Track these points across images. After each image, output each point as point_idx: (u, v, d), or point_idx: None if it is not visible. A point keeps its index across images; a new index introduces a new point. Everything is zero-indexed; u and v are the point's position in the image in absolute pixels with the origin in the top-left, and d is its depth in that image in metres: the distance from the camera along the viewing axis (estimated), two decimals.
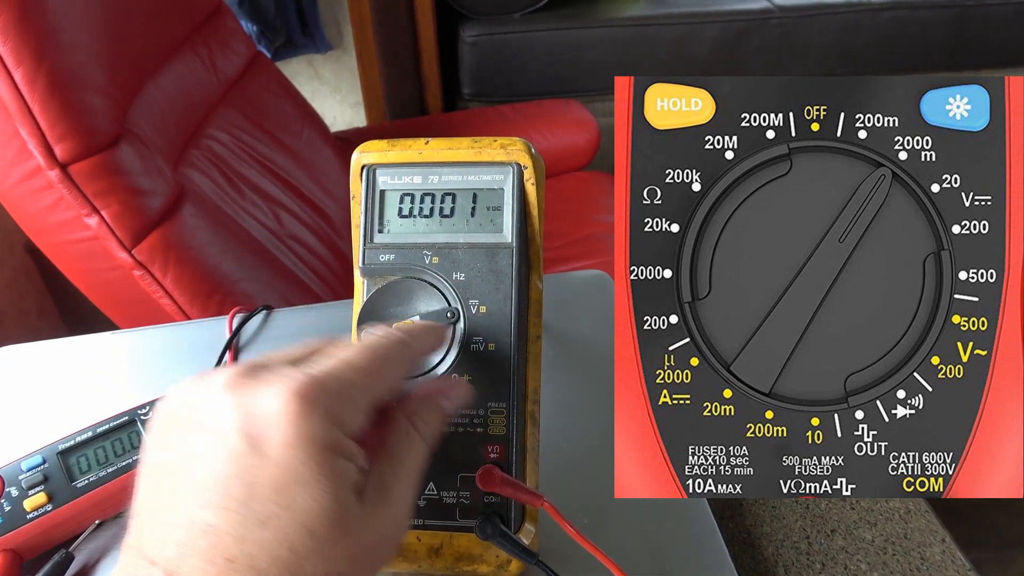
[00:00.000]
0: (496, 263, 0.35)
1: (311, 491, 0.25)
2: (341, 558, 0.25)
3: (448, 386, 0.33)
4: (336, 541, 0.25)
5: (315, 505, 0.25)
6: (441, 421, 0.31)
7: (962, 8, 1.72)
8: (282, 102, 1.27)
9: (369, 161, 0.37)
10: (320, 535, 0.25)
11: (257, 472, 0.25)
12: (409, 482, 0.29)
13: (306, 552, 0.24)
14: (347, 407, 0.27)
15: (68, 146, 0.75)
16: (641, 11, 1.74)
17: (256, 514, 0.24)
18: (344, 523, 0.25)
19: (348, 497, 0.26)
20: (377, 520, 0.27)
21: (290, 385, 0.26)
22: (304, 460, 0.25)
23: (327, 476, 0.25)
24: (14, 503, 0.39)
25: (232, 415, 0.25)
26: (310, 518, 0.25)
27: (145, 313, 0.84)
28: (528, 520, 0.35)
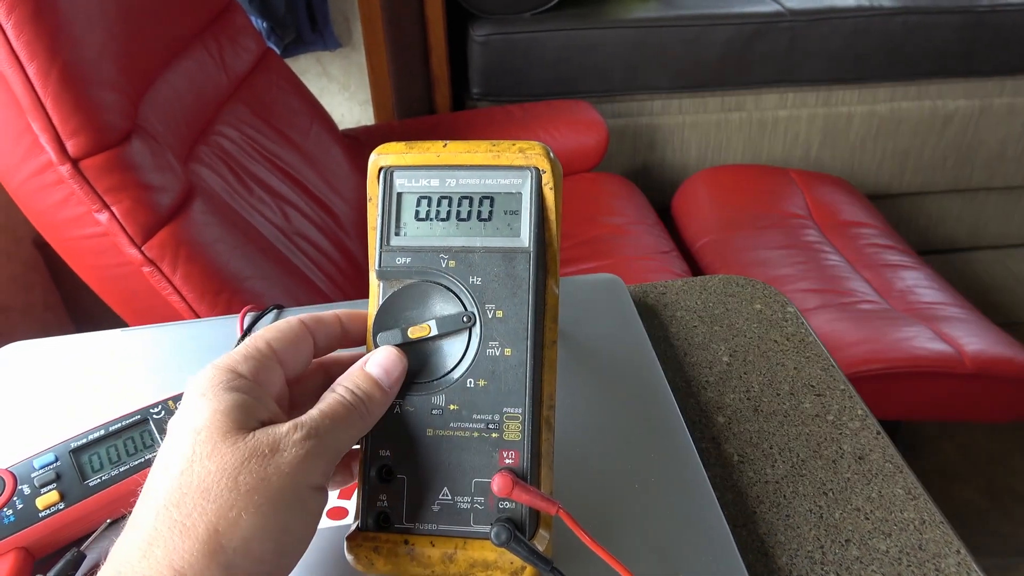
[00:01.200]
0: (513, 268, 0.35)
1: (199, 414, 0.30)
2: (230, 457, 0.29)
3: (370, 354, 0.35)
4: (224, 444, 0.29)
5: (202, 421, 0.29)
6: (371, 383, 0.33)
7: (975, 14, 1.72)
8: (291, 99, 1.27)
9: (386, 163, 0.37)
10: (207, 441, 0.29)
11: (171, 425, 0.31)
12: (312, 419, 0.31)
13: (196, 455, 0.29)
14: (235, 360, 0.32)
15: (80, 141, 0.75)
16: (651, 12, 1.73)
17: (165, 446, 0.30)
18: (230, 432, 0.29)
19: (237, 415, 0.30)
20: (267, 433, 0.30)
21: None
22: (195, 397, 0.31)
23: (214, 401, 0.30)
24: (26, 501, 0.39)
25: None
26: (197, 430, 0.29)
27: (154, 309, 0.84)
28: (542, 526, 0.35)
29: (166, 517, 0.28)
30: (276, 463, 0.29)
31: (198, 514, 0.27)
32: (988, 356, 1.17)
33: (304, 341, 0.35)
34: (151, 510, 0.28)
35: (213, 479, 0.28)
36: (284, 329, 0.34)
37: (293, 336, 0.34)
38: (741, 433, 0.49)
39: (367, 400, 0.33)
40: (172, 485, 0.28)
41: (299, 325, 0.35)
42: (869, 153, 1.86)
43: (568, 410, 0.43)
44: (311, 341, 0.35)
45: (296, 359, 0.35)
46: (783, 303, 0.60)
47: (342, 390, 0.33)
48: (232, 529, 0.28)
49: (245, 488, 0.28)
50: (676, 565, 0.38)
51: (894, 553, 0.41)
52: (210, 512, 0.28)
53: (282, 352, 0.34)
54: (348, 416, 0.32)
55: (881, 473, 0.46)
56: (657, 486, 0.42)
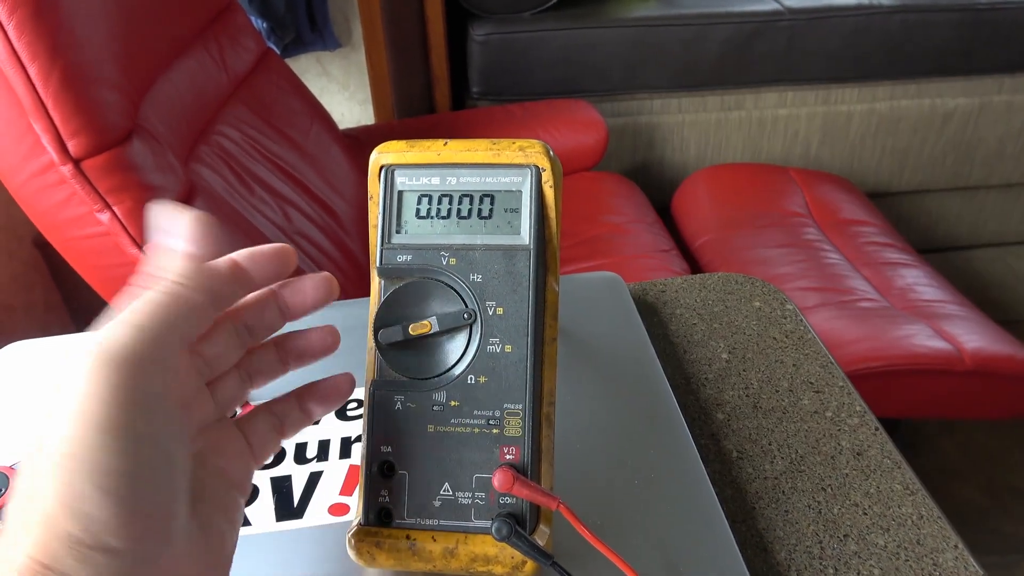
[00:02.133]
0: (513, 265, 0.35)
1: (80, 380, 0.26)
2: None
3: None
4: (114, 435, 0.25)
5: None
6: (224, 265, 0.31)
7: (973, 12, 1.72)
8: (291, 99, 1.28)
9: (387, 161, 0.37)
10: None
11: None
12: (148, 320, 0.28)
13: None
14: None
15: (81, 141, 0.75)
16: (651, 11, 1.74)
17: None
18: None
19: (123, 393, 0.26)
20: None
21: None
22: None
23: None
24: None
25: None
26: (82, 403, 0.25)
27: None
28: (543, 521, 0.35)
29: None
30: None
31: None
32: (988, 354, 1.18)
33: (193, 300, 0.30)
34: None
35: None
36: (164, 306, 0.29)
37: (186, 314, 0.29)
38: (740, 429, 0.49)
39: (178, 282, 0.29)
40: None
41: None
42: (868, 151, 1.86)
43: (568, 407, 0.44)
44: (201, 296, 0.30)
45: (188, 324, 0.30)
46: (782, 301, 0.60)
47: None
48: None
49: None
50: (675, 560, 0.38)
51: (892, 548, 0.41)
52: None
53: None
54: (163, 301, 0.29)
55: (879, 469, 0.46)
56: (656, 482, 0.42)
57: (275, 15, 1.57)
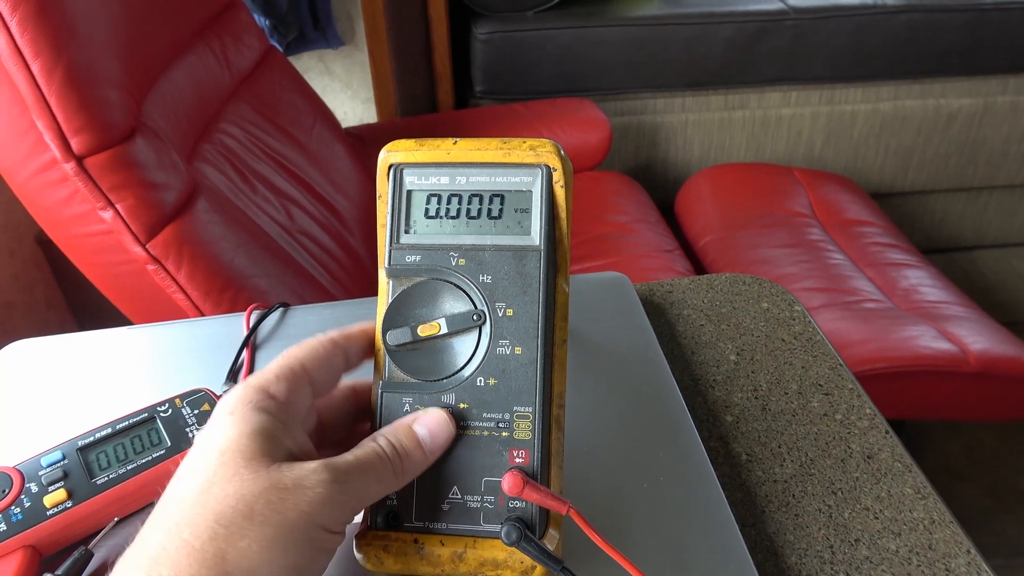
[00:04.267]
0: (523, 266, 0.35)
1: (224, 432, 0.30)
2: (250, 485, 0.28)
3: (421, 413, 0.34)
4: (246, 469, 0.28)
5: (226, 440, 0.29)
6: (414, 442, 0.33)
7: (978, 12, 1.71)
8: (294, 97, 1.27)
9: (396, 160, 0.36)
10: (229, 463, 0.28)
11: (196, 441, 0.31)
12: (345, 465, 0.30)
13: (216, 478, 0.28)
14: (266, 379, 0.32)
15: (84, 139, 0.74)
16: (655, 10, 1.73)
17: (185, 463, 0.30)
18: (255, 457, 0.29)
19: (263, 441, 0.29)
20: (293, 468, 0.29)
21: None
22: (222, 414, 0.30)
23: (241, 421, 0.30)
24: (34, 499, 0.39)
25: None
26: (221, 451, 0.29)
27: (158, 307, 0.84)
28: (552, 525, 0.34)
29: (176, 536, 0.27)
30: (295, 500, 0.28)
31: (208, 537, 0.27)
32: (992, 355, 1.17)
33: (335, 359, 0.34)
34: (161, 525, 0.28)
35: (229, 504, 0.28)
36: (316, 348, 0.34)
37: (326, 355, 0.34)
38: (749, 432, 0.49)
39: (405, 458, 0.32)
40: (187, 504, 0.28)
41: (331, 344, 0.34)
42: (872, 151, 1.85)
43: (576, 408, 0.43)
44: (342, 359, 0.35)
45: (327, 378, 0.34)
46: (790, 302, 0.60)
47: (383, 442, 0.32)
48: (240, 558, 0.27)
49: (260, 519, 0.28)
50: (686, 564, 0.38)
51: (904, 553, 0.41)
52: (221, 537, 0.27)
53: (314, 371, 0.33)
54: (381, 469, 0.32)
55: (890, 472, 0.45)
56: (666, 485, 0.41)
57: (278, 13, 1.56)
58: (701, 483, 0.42)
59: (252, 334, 0.54)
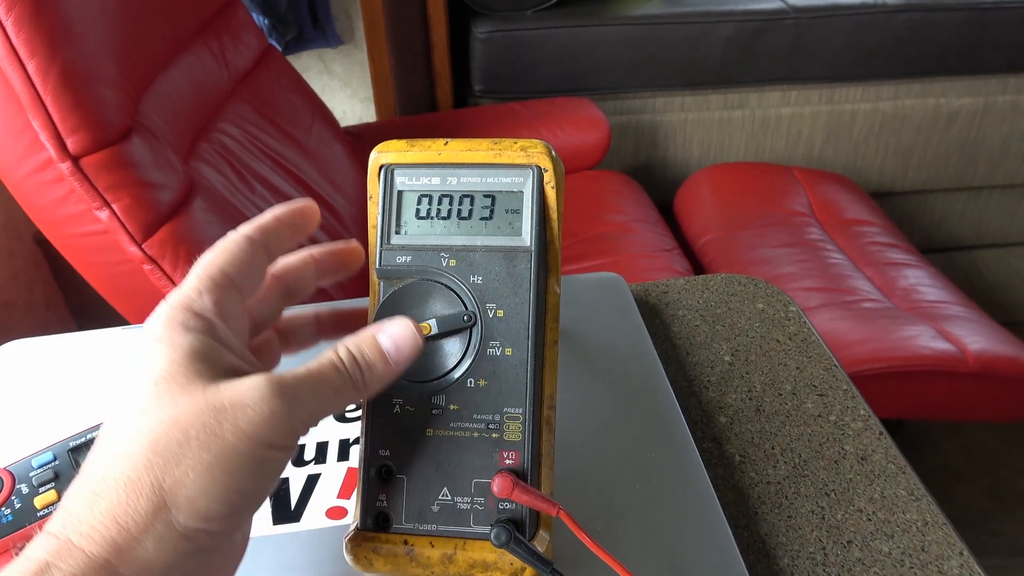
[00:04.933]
0: (514, 267, 0.35)
1: (154, 360, 0.28)
2: (185, 409, 0.27)
3: (386, 322, 0.32)
4: (180, 394, 0.27)
5: (156, 369, 0.28)
6: (378, 354, 0.31)
7: (978, 11, 1.71)
8: (292, 96, 1.27)
9: (387, 161, 0.36)
10: (163, 391, 0.27)
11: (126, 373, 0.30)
12: (292, 378, 0.29)
13: (149, 407, 0.27)
14: (187, 297, 0.30)
15: (80, 139, 0.74)
16: (654, 9, 1.73)
17: (119, 398, 0.28)
18: (189, 382, 0.27)
19: (196, 363, 0.28)
20: (230, 385, 0.28)
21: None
22: (149, 340, 0.29)
23: (169, 346, 0.28)
24: (24, 500, 0.39)
25: None
26: (153, 380, 0.28)
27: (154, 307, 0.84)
28: (542, 527, 0.34)
29: (113, 468, 0.26)
30: (233, 419, 0.27)
31: (144, 467, 0.26)
32: (991, 355, 1.17)
33: (258, 257, 0.32)
34: (100, 459, 0.27)
35: (163, 431, 0.26)
36: (234, 251, 0.31)
37: (245, 256, 0.32)
38: (743, 433, 0.49)
39: (367, 370, 0.31)
40: (124, 435, 0.27)
41: (248, 242, 0.32)
42: (872, 151, 1.85)
43: (568, 410, 0.43)
44: (264, 255, 0.33)
45: (252, 279, 0.32)
46: (785, 302, 0.60)
47: (343, 352, 0.31)
48: (177, 487, 0.26)
49: (195, 444, 0.26)
50: (677, 566, 0.38)
51: (896, 555, 0.41)
52: (156, 466, 0.26)
53: (236, 276, 0.31)
54: (338, 381, 0.30)
55: (883, 474, 0.45)
56: (658, 487, 0.41)
57: (277, 12, 1.56)
58: (693, 484, 0.42)
59: None
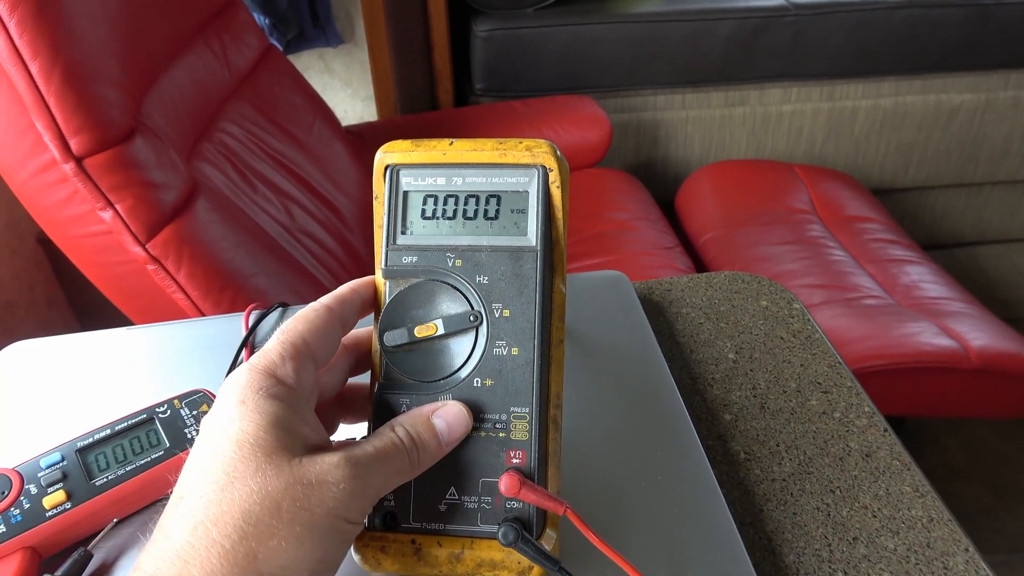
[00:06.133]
0: (520, 267, 0.35)
1: (240, 423, 0.29)
2: (273, 480, 0.28)
3: (442, 405, 0.34)
4: (268, 464, 0.28)
5: (243, 434, 0.29)
6: (432, 434, 0.33)
7: (979, 7, 1.71)
8: (293, 95, 1.27)
9: (393, 161, 0.36)
10: (250, 457, 0.28)
11: (204, 431, 0.30)
12: (366, 457, 0.31)
13: (238, 473, 0.28)
14: (272, 362, 0.31)
15: (83, 139, 0.75)
16: (655, 7, 1.73)
17: (201, 455, 0.29)
18: (275, 451, 0.29)
19: (281, 432, 0.29)
20: (315, 462, 0.29)
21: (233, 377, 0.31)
22: (233, 402, 0.30)
23: (256, 411, 0.29)
24: (33, 500, 0.39)
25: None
26: (240, 444, 0.29)
27: (158, 307, 0.84)
28: (549, 526, 0.35)
29: (204, 534, 0.27)
30: (320, 496, 0.28)
31: (238, 537, 0.27)
32: (993, 352, 1.17)
33: (334, 328, 0.34)
34: (186, 522, 0.28)
35: (255, 501, 0.27)
36: (315, 320, 0.33)
37: (325, 326, 0.33)
38: (747, 431, 0.49)
39: (422, 449, 0.32)
40: (211, 500, 0.28)
41: (327, 312, 0.34)
42: (873, 148, 1.85)
43: (574, 408, 0.43)
44: (339, 326, 0.35)
45: (328, 348, 0.34)
46: (789, 299, 0.60)
47: (402, 432, 0.32)
48: (272, 556, 0.27)
49: (288, 517, 0.28)
50: (683, 563, 0.38)
51: (902, 551, 0.41)
52: (251, 536, 0.27)
53: (315, 345, 0.33)
54: (399, 460, 0.32)
55: (888, 471, 0.45)
56: (664, 484, 0.41)
57: (277, 11, 1.56)
58: (699, 482, 0.42)
59: (251, 334, 0.54)
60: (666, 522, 0.40)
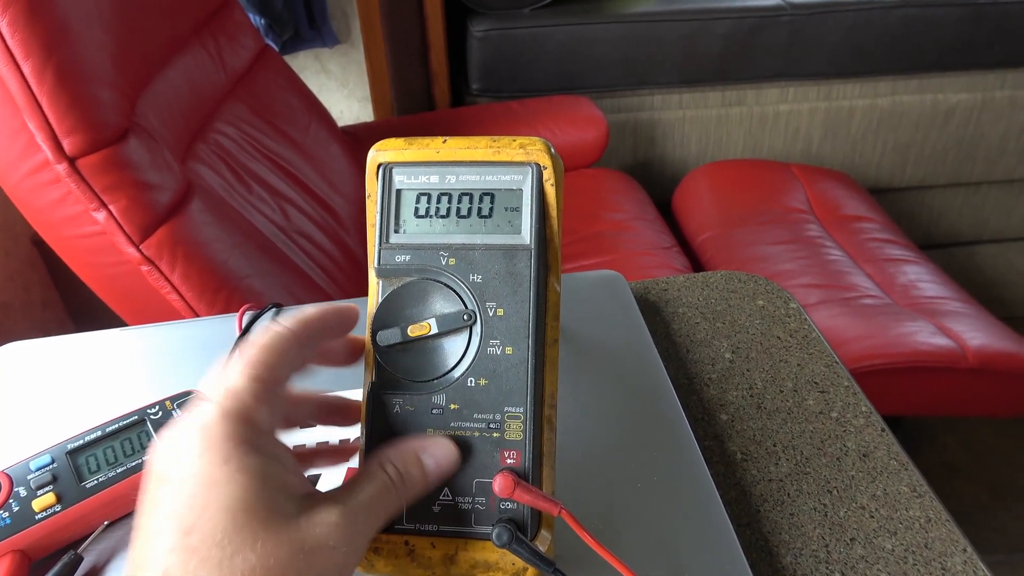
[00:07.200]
0: (514, 265, 0.34)
1: (227, 488, 0.26)
2: (275, 550, 0.26)
3: (429, 441, 0.33)
4: (267, 533, 0.26)
5: (233, 500, 0.26)
6: (420, 472, 0.32)
7: (975, 6, 1.71)
8: (289, 96, 1.27)
9: (385, 159, 0.36)
10: (246, 528, 0.25)
11: (177, 491, 0.26)
12: (359, 505, 0.29)
13: (235, 546, 0.25)
14: (247, 406, 0.28)
15: (76, 140, 0.74)
16: (651, 7, 1.72)
17: (182, 525, 0.25)
18: (271, 517, 0.26)
19: (272, 492, 0.27)
20: (313, 523, 0.27)
21: (189, 415, 0.28)
22: (214, 461, 0.26)
23: (241, 471, 0.26)
24: (22, 503, 0.38)
25: (153, 464, 0.28)
26: (232, 513, 0.25)
27: (152, 308, 0.84)
28: (544, 526, 0.34)
29: None
30: (323, 562, 0.27)
31: None
32: (991, 351, 1.17)
33: (299, 358, 0.32)
34: None
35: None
36: (282, 350, 0.30)
37: (292, 358, 0.31)
38: (744, 431, 0.48)
39: (410, 488, 0.31)
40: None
41: (295, 342, 0.31)
42: (870, 147, 1.85)
43: (569, 408, 0.43)
44: (304, 353, 0.32)
45: (293, 375, 0.32)
46: (786, 299, 0.59)
47: (392, 471, 0.31)
48: None
49: None
50: (679, 564, 0.37)
51: (900, 552, 0.41)
52: None
53: (284, 378, 0.31)
54: (390, 502, 0.31)
55: (886, 471, 0.45)
56: (660, 485, 0.41)
57: (273, 12, 1.56)
58: (695, 482, 0.42)
59: (244, 335, 0.53)
60: (662, 523, 0.39)
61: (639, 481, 0.41)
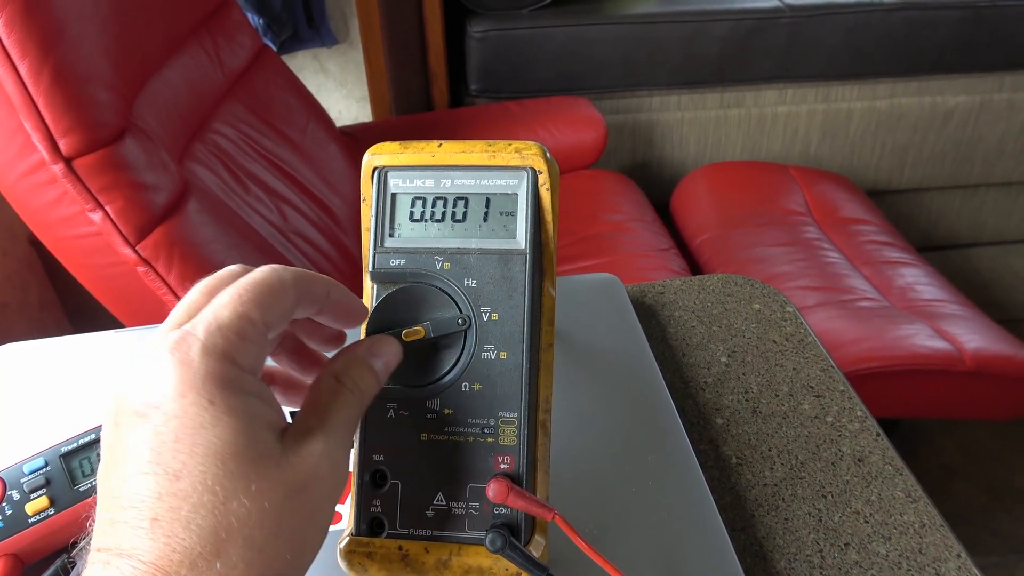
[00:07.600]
0: (509, 270, 0.34)
1: (215, 431, 0.25)
2: (269, 493, 0.25)
3: (375, 343, 0.33)
4: (259, 476, 0.25)
5: (222, 443, 0.25)
6: (373, 377, 0.32)
7: (974, 9, 1.71)
8: (287, 96, 1.27)
9: (381, 163, 0.36)
10: (237, 472, 0.25)
11: (158, 431, 0.25)
12: (336, 428, 0.29)
13: (228, 492, 0.24)
14: (232, 344, 0.26)
15: (73, 140, 0.74)
16: (650, 8, 1.72)
17: (168, 469, 0.24)
18: (261, 458, 0.25)
19: (260, 432, 0.26)
20: (302, 458, 0.27)
21: (166, 344, 0.26)
22: (198, 403, 0.25)
23: (228, 413, 0.25)
24: (16, 507, 0.38)
25: (125, 395, 0.26)
26: (221, 457, 0.25)
27: (149, 309, 0.84)
28: (538, 532, 0.34)
29: (207, 570, 0.24)
30: (316, 497, 0.27)
31: (244, 566, 0.24)
32: (988, 353, 1.17)
33: (291, 310, 0.30)
34: (182, 556, 0.23)
35: (255, 524, 0.25)
36: (276, 294, 0.29)
37: (286, 306, 0.29)
38: (739, 435, 0.48)
39: (367, 394, 0.31)
40: (205, 527, 0.24)
41: (292, 290, 0.29)
42: (868, 149, 1.85)
43: (564, 413, 0.43)
44: (296, 310, 0.30)
45: (280, 327, 0.30)
46: (782, 303, 0.59)
47: (350, 384, 0.30)
48: (275, 573, 0.25)
49: (288, 531, 0.25)
50: (673, 570, 0.37)
51: (894, 557, 0.41)
52: (257, 564, 0.24)
53: (273, 322, 0.28)
54: (356, 414, 0.30)
55: (881, 475, 0.45)
56: (654, 490, 0.41)
57: (271, 11, 1.55)
58: (690, 487, 0.42)
59: None
60: (657, 528, 0.39)
61: (633, 486, 0.41)
